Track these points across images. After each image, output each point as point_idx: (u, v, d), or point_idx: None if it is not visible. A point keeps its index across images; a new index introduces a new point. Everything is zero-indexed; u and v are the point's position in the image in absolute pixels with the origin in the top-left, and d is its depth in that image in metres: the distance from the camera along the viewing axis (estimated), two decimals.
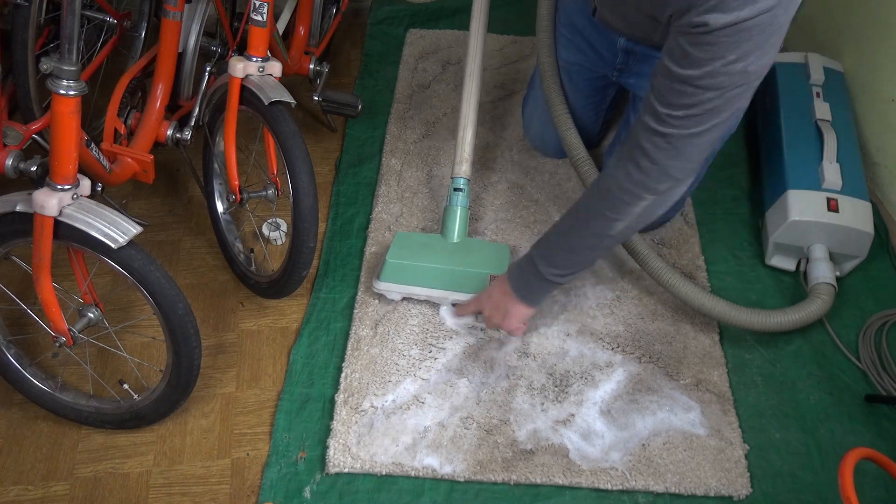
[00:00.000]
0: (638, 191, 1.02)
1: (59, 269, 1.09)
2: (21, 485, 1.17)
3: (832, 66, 1.65)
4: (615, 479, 1.17)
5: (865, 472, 1.17)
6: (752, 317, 1.26)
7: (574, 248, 1.13)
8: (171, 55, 1.36)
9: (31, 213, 1.01)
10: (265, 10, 1.21)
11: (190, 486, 1.18)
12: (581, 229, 1.11)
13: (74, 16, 0.92)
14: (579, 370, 1.30)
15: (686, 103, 0.93)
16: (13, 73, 1.29)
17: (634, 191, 1.02)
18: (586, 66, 1.45)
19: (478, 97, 1.41)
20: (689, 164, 1.00)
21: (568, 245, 1.13)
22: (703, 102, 0.92)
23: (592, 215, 1.09)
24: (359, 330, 1.35)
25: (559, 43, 1.47)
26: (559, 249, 1.14)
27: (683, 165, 1.00)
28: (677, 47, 0.91)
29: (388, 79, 1.86)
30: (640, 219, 1.07)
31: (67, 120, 0.98)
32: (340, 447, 1.19)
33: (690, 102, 0.92)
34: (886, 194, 1.56)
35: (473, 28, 1.42)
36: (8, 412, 1.26)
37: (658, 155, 0.98)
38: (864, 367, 1.32)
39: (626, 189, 1.03)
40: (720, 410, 1.25)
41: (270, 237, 1.51)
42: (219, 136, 1.37)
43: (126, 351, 1.30)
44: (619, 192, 1.03)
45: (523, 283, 1.19)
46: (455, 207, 1.39)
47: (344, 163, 1.66)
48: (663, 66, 0.94)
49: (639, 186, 1.02)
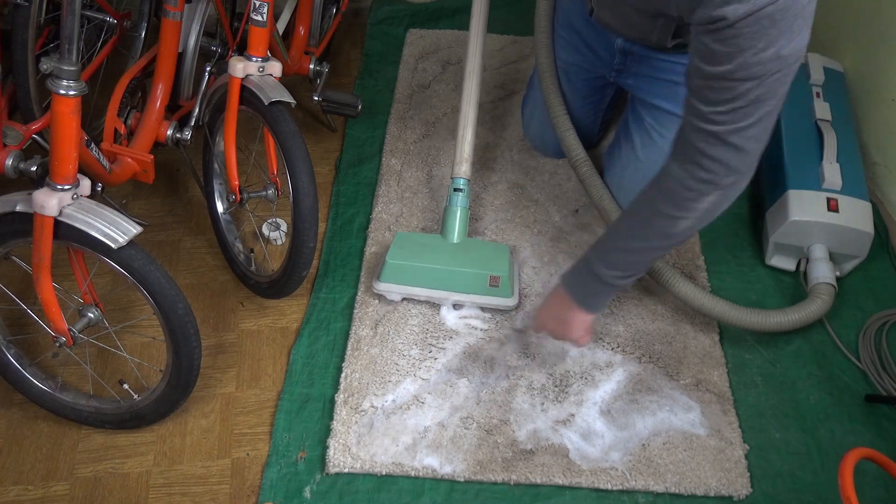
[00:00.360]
0: (703, 187, 1.00)
1: (59, 269, 1.09)
2: (21, 485, 1.17)
3: (832, 66, 1.65)
4: (615, 479, 1.17)
5: (865, 472, 1.17)
6: (752, 317, 1.26)
7: (636, 250, 1.10)
8: (171, 55, 1.36)
9: (31, 213, 1.01)
10: (265, 10, 1.21)
11: (190, 486, 1.18)
12: (643, 230, 1.08)
13: (74, 16, 0.92)
14: (579, 370, 1.30)
15: (727, 98, 0.91)
16: (13, 73, 1.29)
17: (699, 188, 1.00)
18: (584, 66, 1.45)
19: (478, 97, 1.41)
20: (750, 157, 0.97)
21: (629, 247, 1.10)
22: (744, 94, 0.90)
23: (655, 215, 1.05)
24: (359, 330, 1.35)
25: (557, 44, 1.47)
26: (620, 252, 1.11)
27: (744, 158, 0.97)
28: (702, 46, 0.89)
29: (388, 79, 1.86)
30: (705, 215, 1.04)
31: (67, 120, 0.98)
32: (340, 447, 1.19)
33: (732, 97, 0.91)
34: (886, 194, 1.56)
35: (473, 28, 1.42)
36: (8, 412, 1.26)
37: (715, 152, 0.96)
38: (864, 367, 1.32)
39: (690, 187, 1.00)
40: (720, 410, 1.25)
41: (270, 237, 1.51)
42: (219, 136, 1.37)
43: (126, 351, 1.29)
44: (683, 190, 1.01)
45: (582, 288, 1.16)
46: (455, 208, 1.39)
47: (344, 163, 1.66)
48: (695, 68, 0.92)
49: (703, 183, 0.99)
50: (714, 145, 0.95)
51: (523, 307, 1.39)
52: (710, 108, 0.92)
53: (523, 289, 1.42)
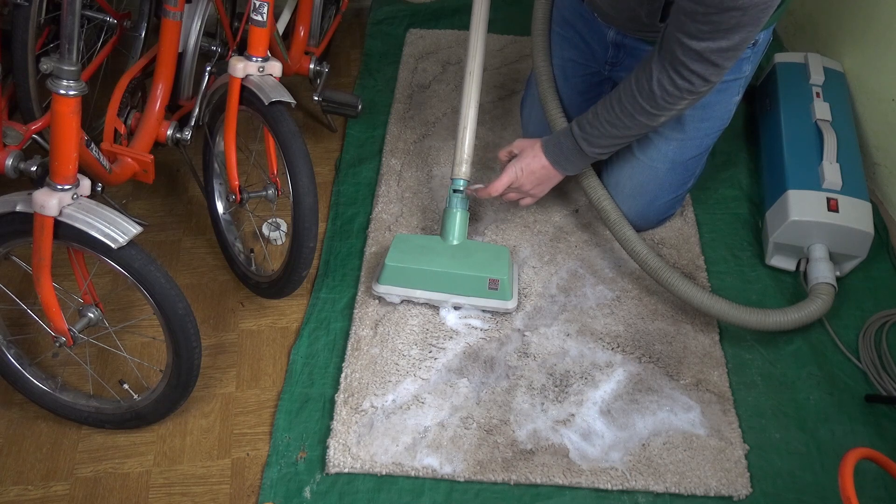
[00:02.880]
0: (682, 94, 1.16)
1: (59, 269, 1.09)
2: (21, 485, 1.17)
3: (832, 66, 1.65)
4: (615, 479, 1.17)
5: (865, 472, 1.17)
6: (752, 316, 1.26)
7: (619, 136, 1.28)
8: (171, 55, 1.36)
9: (31, 213, 1.01)
10: (265, 10, 1.21)
11: (190, 486, 1.18)
12: (627, 120, 1.24)
13: (74, 16, 0.92)
14: (579, 370, 1.30)
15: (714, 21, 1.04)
16: (13, 73, 1.29)
17: (678, 94, 1.16)
18: (580, 61, 1.46)
19: (478, 97, 1.41)
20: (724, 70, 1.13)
21: (614, 133, 1.27)
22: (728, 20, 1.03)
23: (638, 111, 1.21)
24: (359, 330, 1.35)
25: (554, 41, 1.48)
26: (605, 137, 1.28)
27: (720, 72, 1.13)
28: None
29: (388, 79, 1.86)
30: (680, 112, 1.25)
31: (67, 120, 0.98)
32: (340, 447, 1.19)
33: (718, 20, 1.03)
34: (886, 194, 1.56)
35: (473, 28, 1.42)
36: (8, 412, 1.26)
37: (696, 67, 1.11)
38: (864, 367, 1.32)
39: (671, 93, 1.16)
40: (720, 410, 1.25)
41: (270, 237, 1.51)
42: (219, 136, 1.37)
43: (126, 351, 1.30)
44: (663, 93, 1.17)
45: (564, 159, 1.35)
46: (454, 210, 1.38)
47: (344, 163, 1.66)
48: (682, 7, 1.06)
49: (682, 91, 1.15)
50: (695, 61, 1.11)
51: (523, 308, 1.39)
52: (696, 27, 1.06)
53: (523, 289, 1.42)
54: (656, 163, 1.40)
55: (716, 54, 1.09)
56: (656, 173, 1.41)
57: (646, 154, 1.40)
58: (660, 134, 1.38)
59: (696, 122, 1.36)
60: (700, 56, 1.09)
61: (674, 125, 1.37)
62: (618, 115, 1.24)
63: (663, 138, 1.38)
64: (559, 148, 1.34)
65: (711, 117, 1.37)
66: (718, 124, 1.39)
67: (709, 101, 1.34)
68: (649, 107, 1.20)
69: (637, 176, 1.42)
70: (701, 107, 1.34)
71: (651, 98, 1.18)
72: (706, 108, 1.35)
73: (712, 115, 1.37)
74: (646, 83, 1.18)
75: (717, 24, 1.04)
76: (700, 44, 1.08)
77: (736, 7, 1.01)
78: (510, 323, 1.36)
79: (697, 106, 1.33)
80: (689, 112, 1.34)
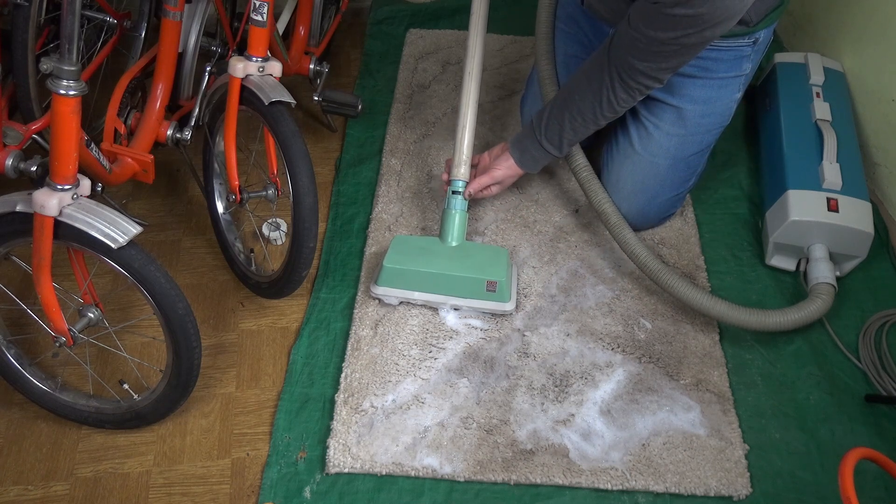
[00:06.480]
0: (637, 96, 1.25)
1: (59, 269, 1.09)
2: (21, 485, 1.18)
3: (832, 66, 1.65)
4: (615, 479, 1.17)
5: (865, 472, 1.17)
6: (752, 316, 1.26)
7: (579, 135, 1.34)
8: (171, 55, 1.36)
9: (31, 213, 1.01)
10: (265, 10, 1.21)
11: (190, 486, 1.18)
12: (588, 125, 1.31)
13: (74, 16, 0.92)
14: (579, 370, 1.30)
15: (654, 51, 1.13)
16: (13, 73, 1.29)
17: (633, 99, 1.25)
18: (583, 57, 1.47)
19: (477, 98, 1.41)
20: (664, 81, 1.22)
21: (574, 135, 1.34)
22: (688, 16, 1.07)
23: (600, 117, 1.29)
24: (359, 330, 1.35)
25: (558, 37, 1.49)
26: (565, 138, 1.35)
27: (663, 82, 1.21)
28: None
29: (388, 79, 1.86)
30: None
31: (67, 120, 0.98)
32: (340, 447, 1.19)
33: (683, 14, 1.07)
34: (886, 194, 1.56)
35: (473, 28, 1.42)
36: (8, 412, 1.26)
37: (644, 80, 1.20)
38: (864, 367, 1.32)
39: (625, 100, 1.25)
40: (720, 410, 1.25)
41: (270, 237, 1.51)
42: (219, 136, 1.37)
43: (126, 351, 1.30)
44: (619, 101, 1.25)
45: (531, 161, 1.41)
46: (453, 211, 1.38)
47: (344, 163, 1.66)
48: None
49: (635, 93, 1.24)
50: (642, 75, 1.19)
51: (523, 308, 1.39)
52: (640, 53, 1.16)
53: (523, 289, 1.42)
54: (657, 158, 1.40)
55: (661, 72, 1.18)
56: (657, 170, 1.41)
57: (647, 150, 1.40)
58: (661, 129, 1.38)
59: (698, 117, 1.37)
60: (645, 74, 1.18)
61: (675, 120, 1.37)
62: (579, 120, 1.31)
63: (664, 134, 1.39)
64: (525, 153, 1.40)
65: (713, 113, 1.37)
66: (720, 120, 1.39)
67: (710, 97, 1.34)
68: (610, 113, 1.28)
69: (638, 172, 1.42)
70: (702, 101, 1.34)
71: (610, 105, 1.27)
72: (707, 103, 1.35)
73: (713, 110, 1.37)
74: (604, 93, 1.25)
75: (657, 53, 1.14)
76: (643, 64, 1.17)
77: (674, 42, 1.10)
78: (510, 323, 1.36)
79: (699, 101, 1.34)
80: (690, 107, 1.35)
